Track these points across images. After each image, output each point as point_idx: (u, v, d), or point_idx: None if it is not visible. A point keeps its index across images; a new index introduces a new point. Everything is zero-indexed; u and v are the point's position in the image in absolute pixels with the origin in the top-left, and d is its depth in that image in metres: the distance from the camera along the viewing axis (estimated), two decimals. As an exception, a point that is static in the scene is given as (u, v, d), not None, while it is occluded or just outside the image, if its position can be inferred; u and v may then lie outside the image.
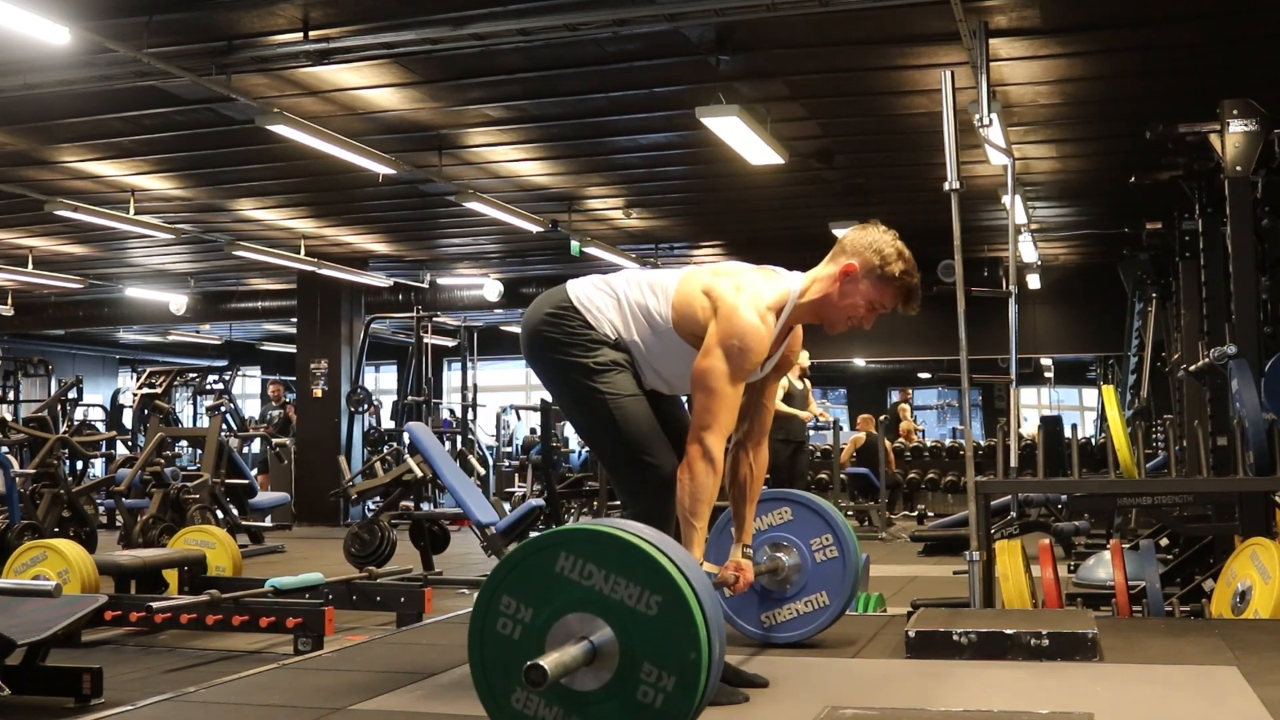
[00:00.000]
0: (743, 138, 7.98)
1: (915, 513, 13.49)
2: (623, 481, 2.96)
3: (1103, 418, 7.48)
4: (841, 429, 13.16)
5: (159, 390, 12.81)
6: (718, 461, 2.77)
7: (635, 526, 2.22)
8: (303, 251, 13.11)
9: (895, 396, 16.42)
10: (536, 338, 2.95)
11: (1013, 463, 5.22)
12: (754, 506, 3.11)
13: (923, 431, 18.04)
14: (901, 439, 15.49)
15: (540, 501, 8.14)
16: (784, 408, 9.21)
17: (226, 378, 15.28)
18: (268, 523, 10.96)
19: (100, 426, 14.93)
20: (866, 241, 2.89)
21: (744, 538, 3.08)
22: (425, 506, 9.25)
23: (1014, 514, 7.48)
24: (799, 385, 9.99)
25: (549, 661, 2.03)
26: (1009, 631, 3.24)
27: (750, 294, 2.84)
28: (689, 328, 2.87)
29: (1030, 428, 13.76)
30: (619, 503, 10.02)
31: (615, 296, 2.94)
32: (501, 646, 2.19)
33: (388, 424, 15.30)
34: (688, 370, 2.85)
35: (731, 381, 2.78)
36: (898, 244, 2.90)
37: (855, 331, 3.03)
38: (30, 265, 13.87)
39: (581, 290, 2.96)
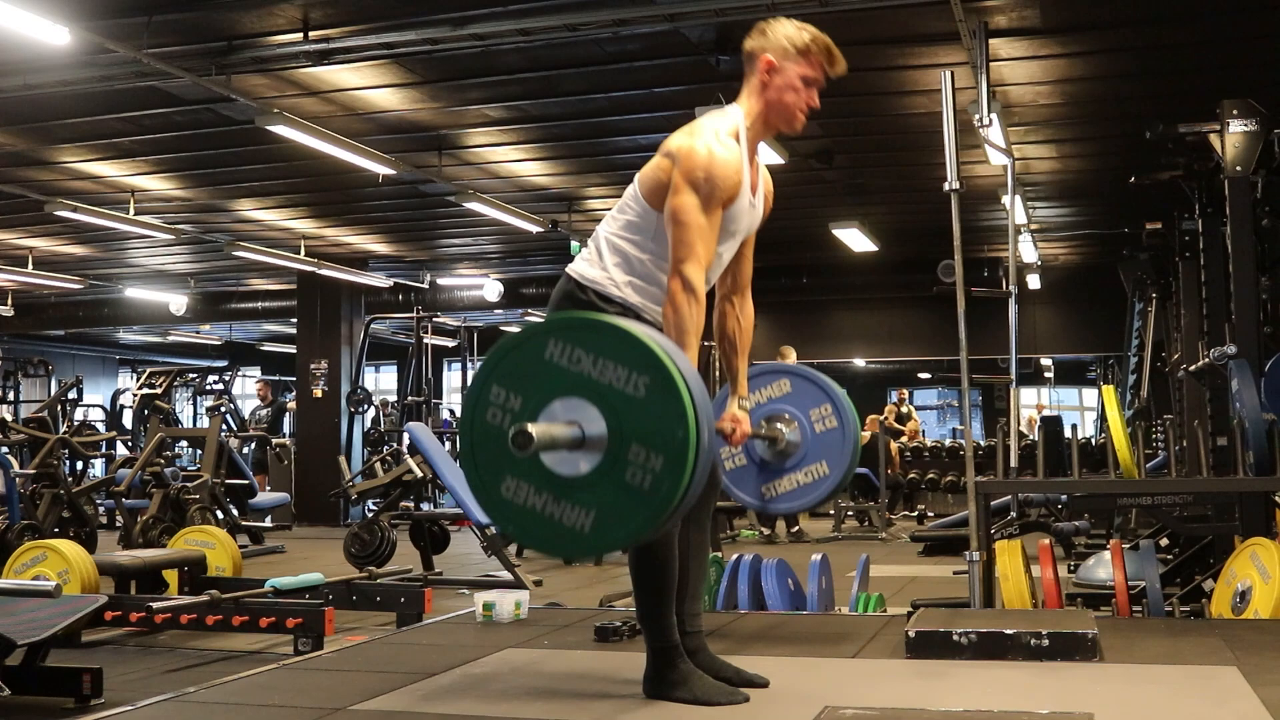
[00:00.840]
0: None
1: (915, 513, 13.49)
2: None
3: (1103, 418, 7.47)
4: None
5: (159, 390, 12.84)
6: (699, 292, 2.74)
7: (623, 320, 2.24)
8: (303, 252, 13.11)
9: (895, 398, 16.35)
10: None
11: (1013, 463, 5.22)
12: (745, 358, 3.12)
13: (923, 430, 18.02)
14: (906, 437, 15.49)
15: (540, 501, 8.13)
16: None
17: (226, 378, 15.29)
18: (268, 523, 10.97)
19: (100, 427, 14.94)
20: (769, 34, 2.99)
21: (739, 390, 3.08)
22: (425, 506, 9.26)
23: (1014, 514, 7.48)
24: None
25: (536, 427, 2.03)
26: (1009, 631, 3.23)
27: (704, 129, 2.88)
28: (664, 195, 2.85)
29: (1030, 413, 13.73)
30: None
31: (604, 242, 2.93)
32: (491, 436, 2.19)
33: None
34: None
35: (703, 210, 2.77)
36: (790, 20, 3.02)
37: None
38: (30, 265, 13.88)
39: (578, 268, 2.95)
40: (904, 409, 15.54)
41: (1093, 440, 12.08)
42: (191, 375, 15.84)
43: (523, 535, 2.38)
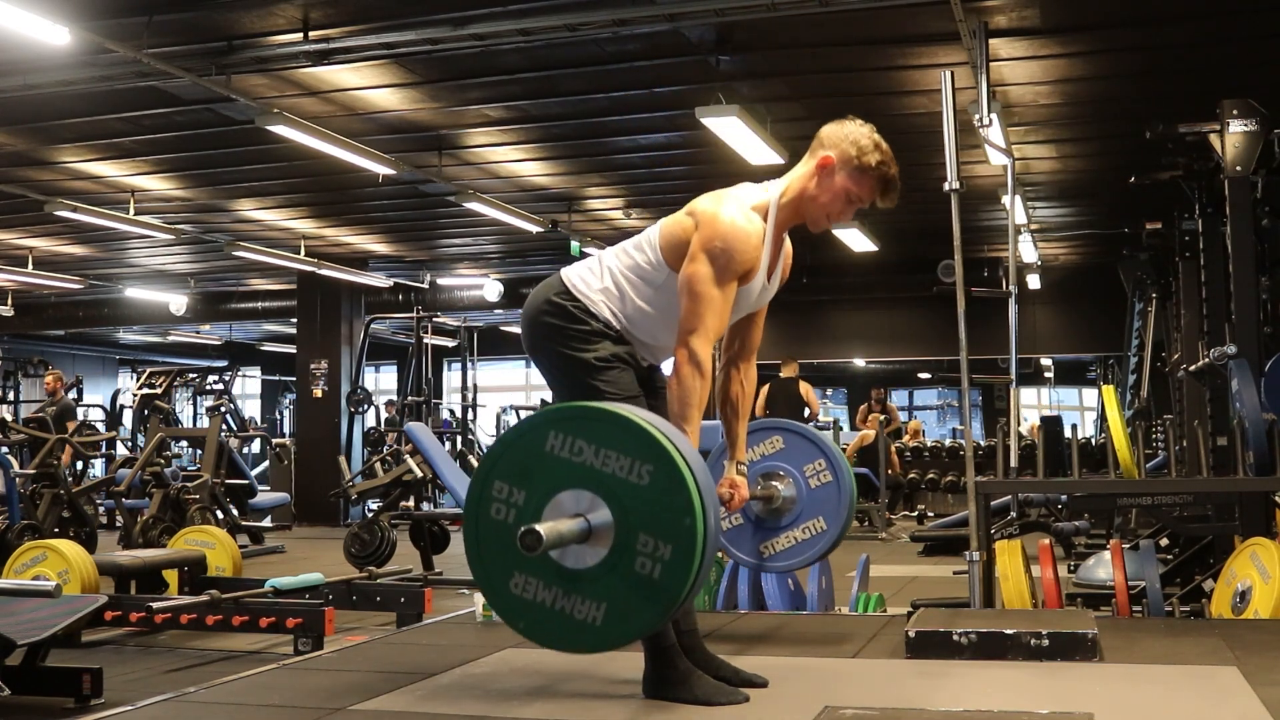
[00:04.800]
0: (743, 137, 7.98)
1: (915, 513, 13.49)
2: None
3: (1103, 418, 7.48)
4: (842, 429, 13.16)
5: (159, 390, 12.82)
6: (704, 365, 2.74)
7: (624, 404, 2.22)
8: (303, 252, 13.11)
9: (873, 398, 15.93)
10: (538, 328, 2.94)
11: (1013, 463, 5.22)
12: (745, 424, 3.11)
13: (911, 428, 17.94)
14: (907, 436, 15.47)
15: (540, 501, 8.14)
16: None
17: (226, 378, 15.28)
18: (268, 523, 10.97)
19: (100, 427, 14.94)
20: (843, 134, 2.90)
21: (737, 455, 3.07)
22: (425, 506, 9.25)
23: (1014, 514, 7.48)
24: None
25: (544, 527, 2.01)
26: (1009, 631, 3.23)
27: (732, 200, 2.85)
28: (681, 254, 2.84)
29: (1032, 418, 13.72)
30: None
31: (606, 270, 2.93)
32: (497, 532, 2.18)
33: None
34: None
35: (717, 283, 2.76)
36: (875, 136, 2.91)
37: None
38: (30, 265, 13.87)
39: (576, 274, 2.95)
40: (878, 408, 15.39)
41: (1093, 440, 12.09)
42: (191, 375, 15.84)
43: (533, 632, 2.33)
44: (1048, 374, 20.26)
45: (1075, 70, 7.56)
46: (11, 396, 16.44)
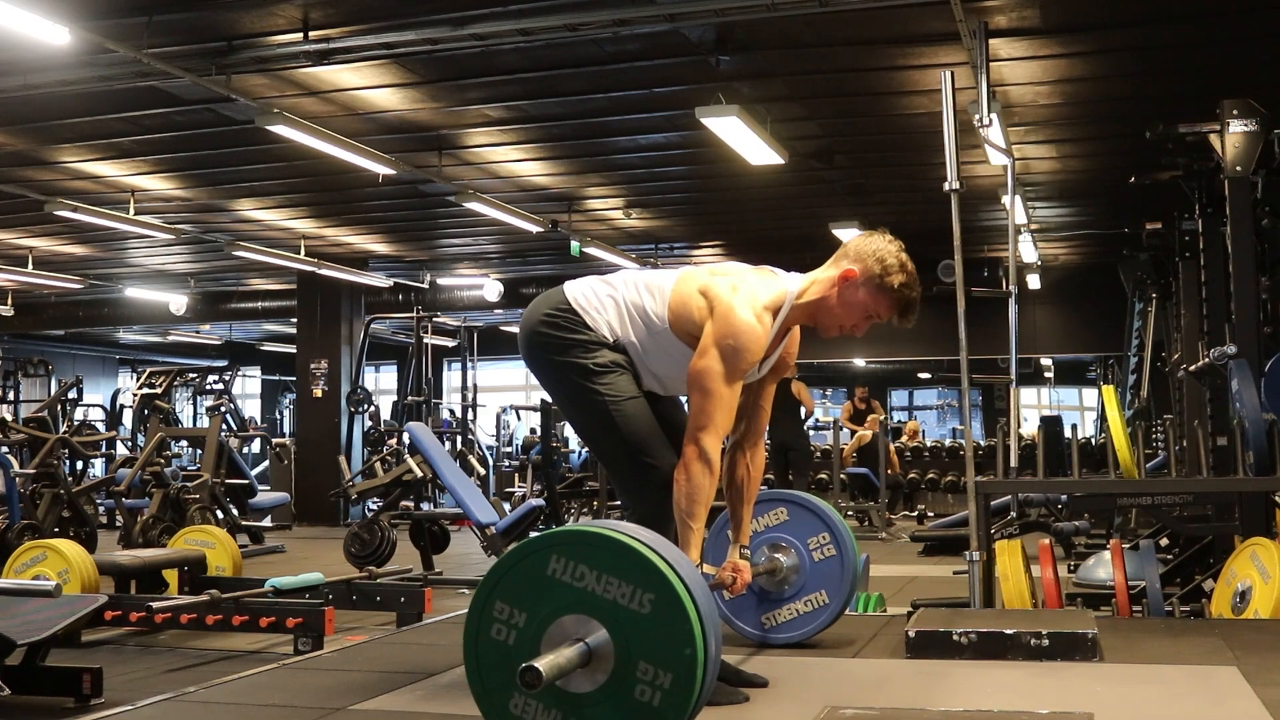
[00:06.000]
0: (743, 138, 7.98)
1: (915, 513, 13.49)
2: (623, 482, 2.96)
3: (1103, 418, 7.49)
4: (842, 429, 13.15)
5: (159, 390, 12.81)
6: (714, 463, 2.75)
7: (627, 527, 2.22)
8: (303, 252, 13.11)
9: (856, 395, 15.67)
10: (535, 339, 2.95)
11: (1013, 463, 5.22)
12: (751, 508, 3.11)
13: (897, 426, 17.90)
14: (906, 437, 15.47)
15: (540, 502, 8.14)
16: None
17: (226, 378, 15.28)
18: (268, 523, 10.96)
19: (100, 427, 14.94)
20: (871, 249, 2.86)
21: (741, 538, 3.07)
22: (425, 506, 9.25)
23: (1014, 514, 7.48)
24: None
25: (544, 663, 2.02)
26: (1009, 631, 3.23)
27: (747, 294, 2.82)
28: (685, 328, 2.85)
29: (1030, 428, 13.72)
30: (619, 503, 10.00)
31: (612, 297, 2.93)
32: (497, 653, 2.18)
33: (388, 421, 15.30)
34: (683, 372, 2.84)
35: (727, 382, 2.76)
36: (902, 255, 2.86)
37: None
38: (30, 265, 13.87)
39: (579, 290, 2.96)
40: (861, 405, 15.28)
41: (1093, 440, 12.09)
42: (191, 375, 15.82)
43: None
44: (1048, 374, 20.25)
45: (1075, 70, 7.56)
46: (11, 396, 16.43)
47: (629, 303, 2.92)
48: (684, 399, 2.99)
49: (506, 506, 8.68)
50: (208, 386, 15.99)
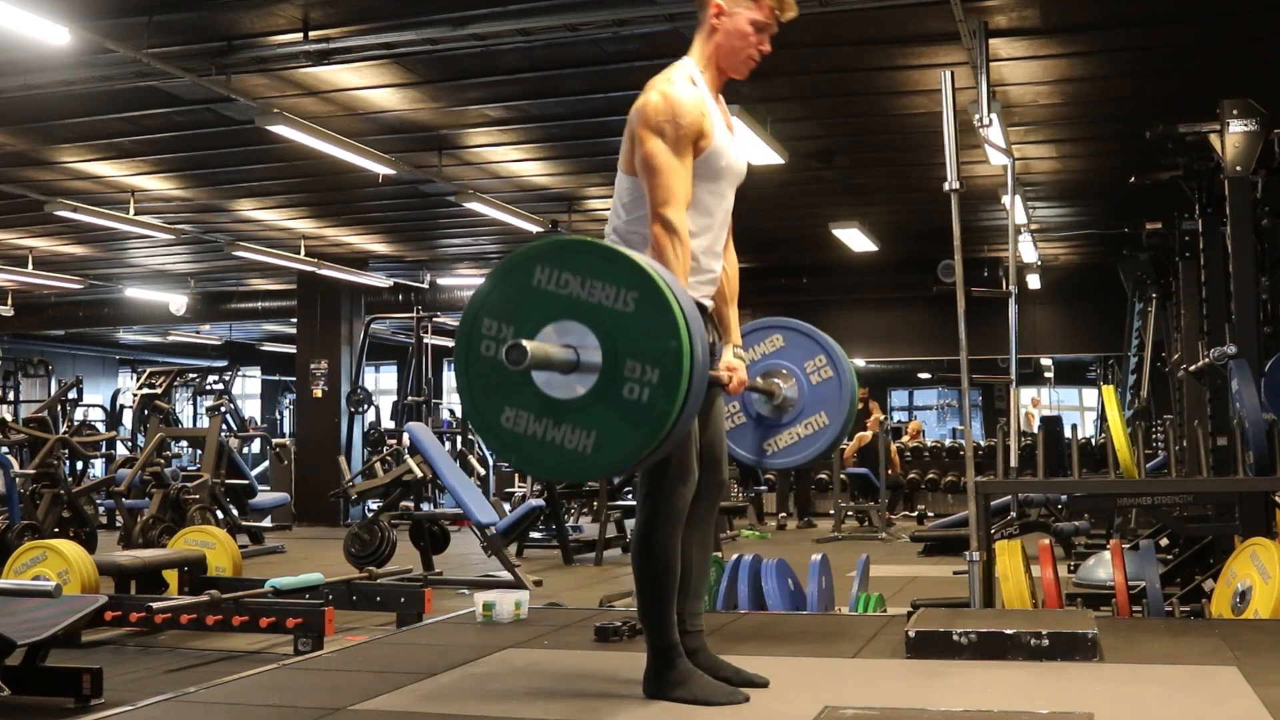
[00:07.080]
0: (743, 137, 7.98)
1: (915, 513, 13.50)
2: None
3: (1103, 418, 7.48)
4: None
5: (159, 390, 12.83)
6: (681, 231, 2.71)
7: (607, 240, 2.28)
8: (303, 252, 13.11)
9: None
10: None
11: (1013, 463, 5.22)
12: (735, 306, 3.11)
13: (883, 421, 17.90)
14: (907, 437, 15.47)
15: (540, 502, 8.15)
16: None
17: (226, 378, 15.28)
18: (268, 523, 10.97)
19: (100, 427, 14.94)
20: None
21: (732, 338, 3.06)
22: (425, 506, 9.26)
23: (1014, 514, 7.48)
24: None
25: (530, 343, 2.05)
26: (1009, 631, 3.23)
27: (655, 82, 2.89)
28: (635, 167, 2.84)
29: (1026, 407, 13.69)
30: (617, 503, 10.01)
31: (613, 239, 2.87)
32: (486, 369, 2.21)
33: (387, 423, 15.30)
34: (702, 215, 2.84)
35: (674, 152, 2.76)
36: None
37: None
38: (30, 265, 13.88)
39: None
40: (861, 405, 15.33)
41: (1093, 440, 12.09)
42: (191, 375, 15.84)
43: (526, 463, 2.39)
44: (1048, 374, 20.25)
45: (1075, 70, 7.56)
46: (11, 397, 16.44)
47: (624, 228, 2.87)
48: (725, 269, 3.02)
49: (506, 507, 8.69)
50: (208, 387, 16.01)
